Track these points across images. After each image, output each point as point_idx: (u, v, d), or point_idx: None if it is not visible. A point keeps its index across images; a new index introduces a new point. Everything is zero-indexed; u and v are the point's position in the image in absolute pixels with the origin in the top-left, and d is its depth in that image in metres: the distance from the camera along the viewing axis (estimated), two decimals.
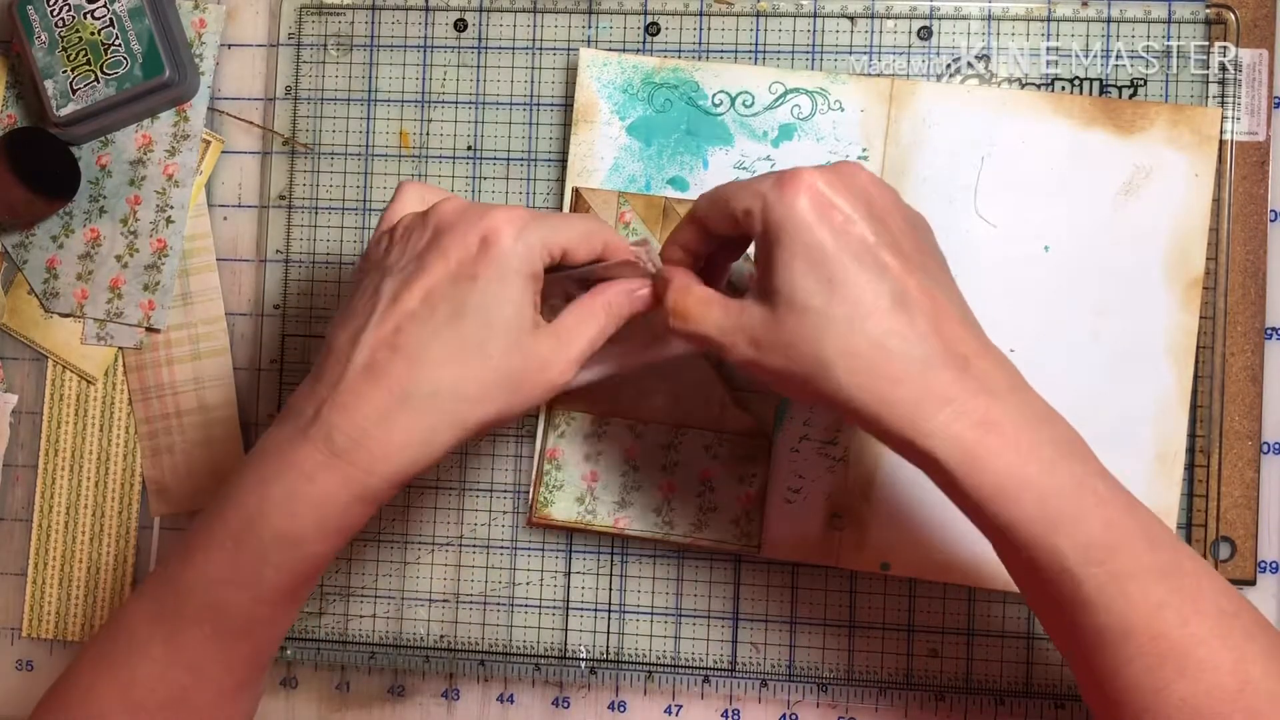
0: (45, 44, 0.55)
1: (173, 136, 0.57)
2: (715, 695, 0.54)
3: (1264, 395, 0.52)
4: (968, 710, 0.53)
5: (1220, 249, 0.51)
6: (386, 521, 0.56)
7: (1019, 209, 0.52)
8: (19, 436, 0.59)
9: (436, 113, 0.56)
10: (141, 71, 0.55)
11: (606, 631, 0.54)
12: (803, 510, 0.53)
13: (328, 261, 0.56)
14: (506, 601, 0.55)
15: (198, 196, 0.58)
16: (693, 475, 0.53)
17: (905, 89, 0.52)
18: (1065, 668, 0.52)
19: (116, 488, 0.58)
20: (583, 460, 0.53)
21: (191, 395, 0.57)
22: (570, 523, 0.53)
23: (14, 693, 0.58)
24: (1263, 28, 0.52)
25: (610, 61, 0.54)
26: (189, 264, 0.57)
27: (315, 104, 0.57)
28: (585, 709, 0.55)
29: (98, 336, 0.58)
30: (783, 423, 0.53)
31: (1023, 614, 0.53)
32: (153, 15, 0.55)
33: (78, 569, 0.58)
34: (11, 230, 0.58)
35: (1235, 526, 0.51)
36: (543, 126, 0.55)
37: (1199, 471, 0.52)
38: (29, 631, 0.58)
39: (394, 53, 0.56)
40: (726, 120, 0.53)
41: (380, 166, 0.56)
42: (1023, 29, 0.53)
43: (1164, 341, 0.51)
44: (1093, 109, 0.51)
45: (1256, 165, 0.52)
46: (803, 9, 0.54)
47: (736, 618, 0.54)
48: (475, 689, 0.56)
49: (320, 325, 0.56)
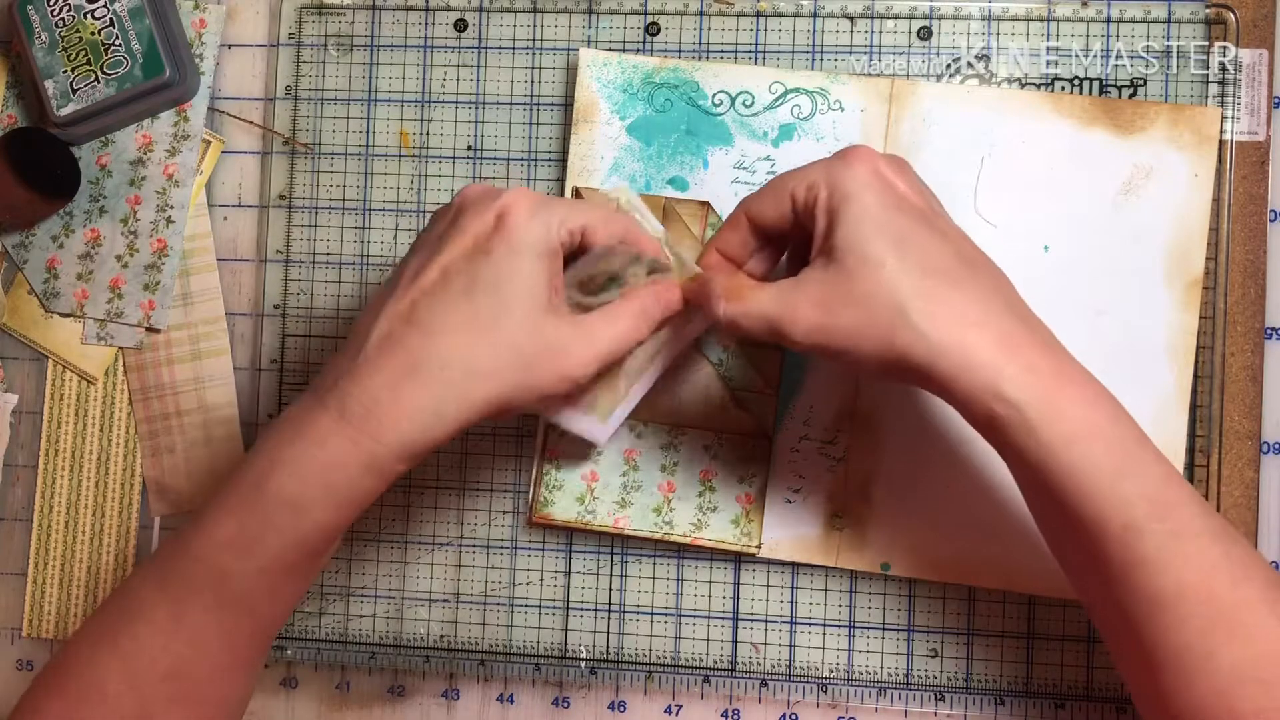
0: (45, 44, 0.55)
1: (173, 136, 0.57)
2: (715, 695, 0.54)
3: (1264, 395, 0.52)
4: (967, 710, 0.53)
5: (1220, 249, 0.51)
6: (386, 521, 0.56)
7: (1019, 209, 0.52)
8: (19, 436, 0.59)
9: (436, 113, 0.56)
10: (141, 71, 0.55)
11: (606, 631, 0.54)
12: (803, 510, 0.53)
13: (328, 261, 0.56)
14: (506, 601, 0.55)
15: (198, 196, 0.58)
16: (693, 475, 0.53)
17: (905, 89, 0.52)
18: (1065, 667, 0.52)
19: (116, 488, 0.58)
20: (583, 460, 0.53)
21: (191, 395, 0.57)
22: (570, 523, 0.53)
23: (14, 693, 0.58)
24: (1263, 28, 0.52)
25: (610, 61, 0.54)
26: (189, 264, 0.57)
27: (315, 104, 0.57)
28: (585, 709, 0.55)
29: (98, 336, 0.58)
30: (783, 423, 0.53)
31: (1022, 614, 0.53)
32: (153, 15, 0.55)
33: (78, 569, 0.58)
34: (11, 230, 0.58)
35: (1235, 526, 0.51)
36: (543, 126, 0.55)
37: (1199, 471, 0.52)
38: (29, 631, 0.58)
39: (394, 53, 0.56)
40: (726, 120, 0.53)
41: (380, 166, 0.56)
42: (1023, 29, 0.53)
43: (1164, 341, 0.51)
44: (1093, 109, 0.51)
45: (1256, 165, 0.52)
46: (803, 9, 0.54)
47: (736, 618, 0.54)
48: (475, 689, 0.56)
49: (320, 325, 0.57)
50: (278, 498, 0.38)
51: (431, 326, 0.39)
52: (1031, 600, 0.53)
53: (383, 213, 0.56)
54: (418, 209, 0.56)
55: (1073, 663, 0.52)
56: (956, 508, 0.51)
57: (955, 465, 0.51)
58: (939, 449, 0.51)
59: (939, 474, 0.52)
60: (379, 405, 0.38)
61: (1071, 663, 0.52)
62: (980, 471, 0.51)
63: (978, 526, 0.51)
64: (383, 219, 0.56)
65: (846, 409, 0.53)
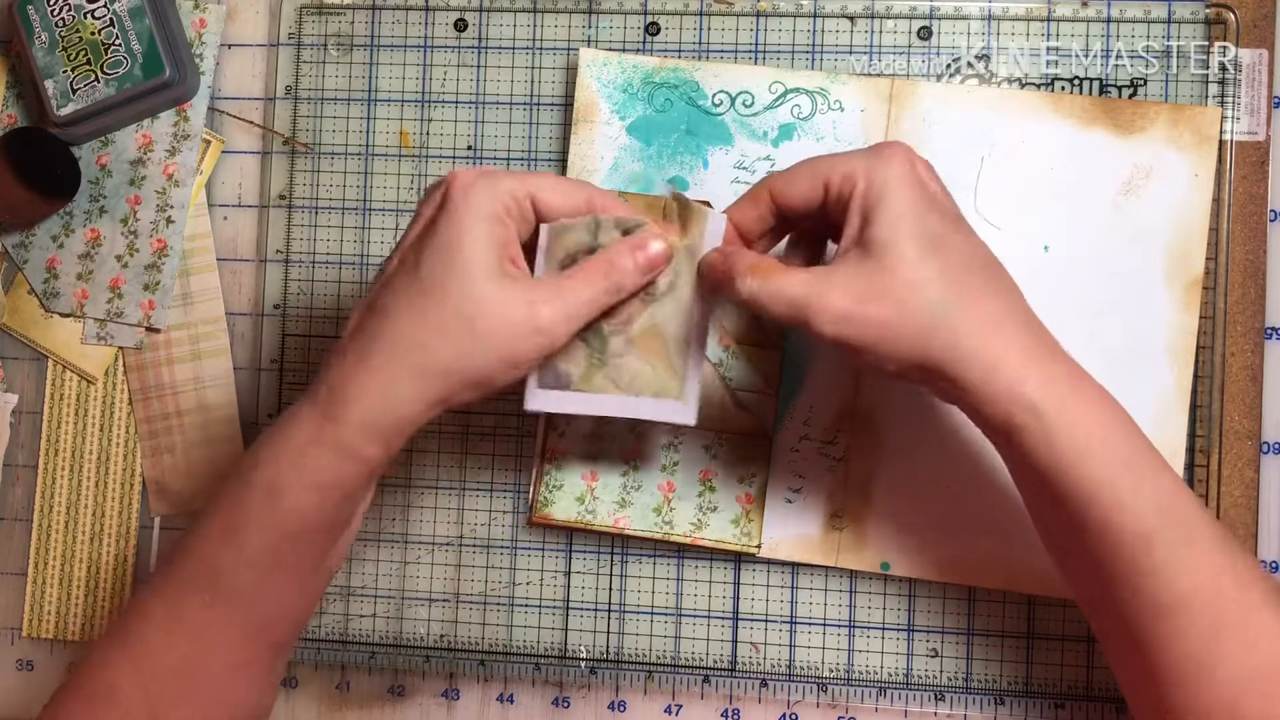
0: (45, 44, 0.55)
1: (173, 136, 0.57)
2: (715, 695, 0.54)
3: (1264, 395, 0.52)
4: (967, 710, 0.53)
5: (1220, 249, 0.51)
6: (386, 521, 0.56)
7: (1019, 209, 0.52)
8: (19, 436, 0.59)
9: (436, 113, 0.56)
10: (141, 71, 0.55)
11: (606, 631, 0.54)
12: (803, 510, 0.53)
13: (328, 261, 0.56)
14: (506, 601, 0.55)
15: (198, 196, 0.58)
16: (693, 475, 0.53)
17: (905, 89, 0.52)
18: (1065, 667, 0.52)
19: (116, 488, 0.58)
20: (583, 460, 0.53)
21: (191, 395, 0.57)
22: (570, 523, 0.53)
23: (14, 693, 0.58)
24: (1263, 28, 0.52)
25: (610, 61, 0.54)
26: (189, 264, 0.57)
27: (315, 104, 0.57)
28: (585, 709, 0.55)
29: (98, 336, 0.58)
30: (783, 423, 0.53)
31: (1022, 614, 0.53)
32: (153, 15, 0.55)
33: (78, 569, 0.58)
34: (11, 230, 0.58)
35: (1235, 526, 0.51)
36: (543, 126, 0.55)
37: (1199, 471, 0.52)
38: (29, 631, 0.58)
39: (394, 53, 0.56)
40: (726, 120, 0.53)
41: (380, 166, 0.56)
42: (1023, 29, 0.53)
43: (1164, 341, 0.51)
44: (1093, 109, 0.51)
45: (1256, 165, 0.52)
46: (803, 9, 0.54)
47: (736, 618, 0.54)
48: (475, 689, 0.56)
49: (320, 325, 0.57)
50: (259, 486, 0.39)
51: (386, 309, 0.39)
52: (1031, 600, 0.53)
53: (383, 213, 0.56)
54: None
55: (1073, 663, 0.52)
56: (956, 508, 0.51)
57: (955, 465, 0.51)
58: (939, 449, 0.51)
59: (939, 474, 0.52)
60: (342, 388, 0.39)
61: (1071, 663, 0.52)
62: (980, 471, 0.51)
63: (978, 526, 0.51)
64: (383, 219, 0.56)
65: (846, 409, 0.53)
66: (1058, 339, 0.40)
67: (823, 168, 0.40)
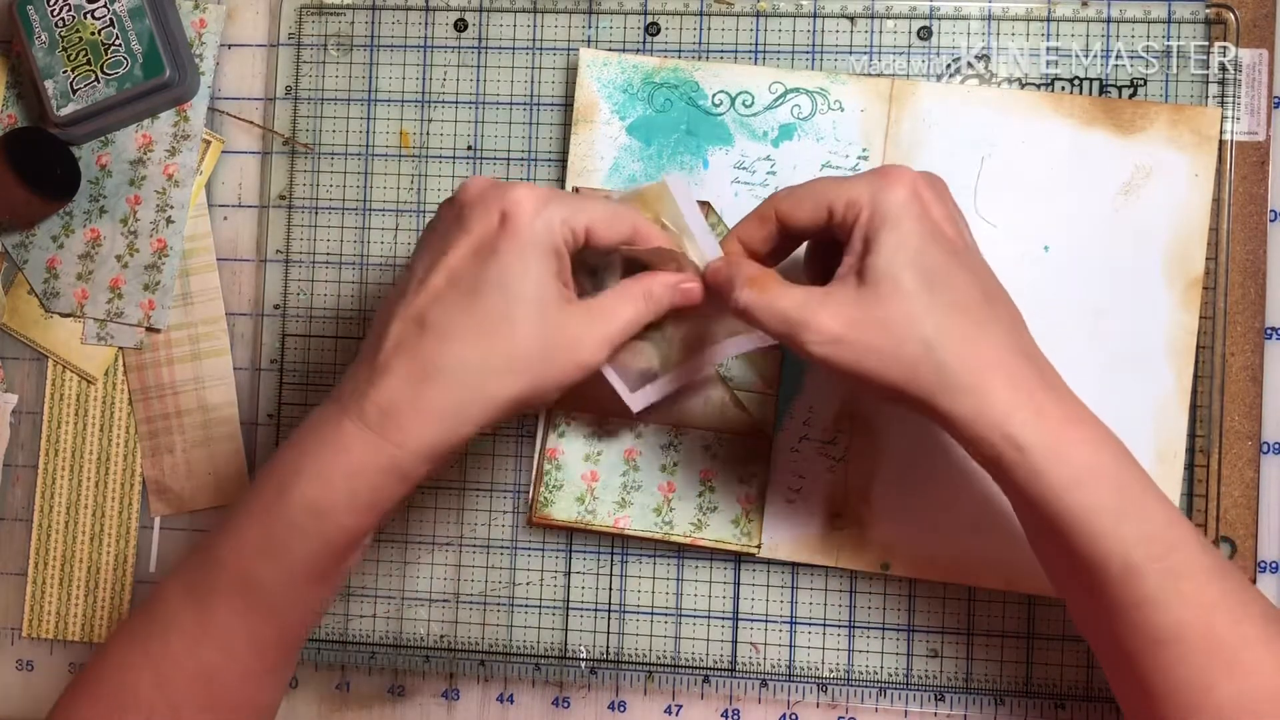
0: (45, 44, 0.55)
1: (173, 136, 0.57)
2: (715, 695, 0.54)
3: (1264, 395, 0.52)
4: (967, 710, 0.53)
5: (1220, 249, 0.51)
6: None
7: (1019, 209, 0.52)
8: (19, 436, 0.59)
9: (436, 113, 0.56)
10: (141, 71, 0.55)
11: (606, 631, 0.54)
12: (803, 510, 0.53)
13: (328, 261, 0.56)
14: (506, 601, 0.55)
15: (198, 196, 0.58)
16: (693, 475, 0.53)
17: (905, 89, 0.52)
18: (1065, 667, 0.52)
19: (116, 488, 0.58)
20: (583, 460, 0.54)
21: (191, 395, 0.57)
22: (570, 523, 0.53)
23: (14, 693, 0.58)
24: (1263, 28, 0.52)
25: (610, 61, 0.54)
26: (189, 264, 0.57)
27: (315, 104, 0.57)
28: (585, 709, 0.55)
29: (98, 336, 0.58)
30: (783, 423, 0.53)
31: (1022, 613, 0.53)
32: (153, 15, 0.55)
33: (78, 569, 0.58)
34: (11, 230, 0.58)
35: (1235, 526, 0.51)
36: (543, 126, 0.55)
37: (1199, 471, 0.52)
38: (29, 631, 0.58)
39: (394, 53, 0.56)
40: (726, 120, 0.53)
41: (380, 166, 0.56)
42: (1023, 29, 0.53)
43: (1164, 341, 0.51)
44: (1093, 109, 0.51)
45: (1256, 165, 0.52)
46: (803, 9, 0.54)
47: (736, 618, 0.54)
48: (475, 689, 0.56)
49: (320, 325, 0.56)
50: (301, 504, 0.39)
51: (445, 331, 0.39)
52: (1031, 600, 0.53)
53: (383, 213, 0.56)
54: (418, 209, 0.56)
55: (1073, 663, 0.52)
56: (956, 508, 0.51)
57: (955, 465, 0.51)
58: (939, 449, 0.51)
59: (939, 474, 0.52)
60: (399, 412, 0.38)
61: (1071, 663, 0.52)
62: (981, 472, 0.51)
63: (978, 526, 0.51)
64: (383, 219, 0.56)
65: (846, 409, 0.53)
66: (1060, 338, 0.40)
67: (828, 193, 0.41)
